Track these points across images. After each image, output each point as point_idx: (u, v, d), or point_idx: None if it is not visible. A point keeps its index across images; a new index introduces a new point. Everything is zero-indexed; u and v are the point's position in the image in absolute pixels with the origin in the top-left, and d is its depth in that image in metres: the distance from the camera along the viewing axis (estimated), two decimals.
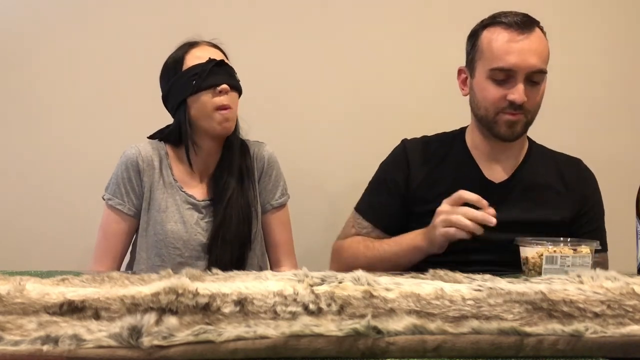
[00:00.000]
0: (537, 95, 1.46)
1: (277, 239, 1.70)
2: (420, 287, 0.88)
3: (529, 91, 1.44)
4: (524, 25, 1.44)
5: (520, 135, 1.50)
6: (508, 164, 1.54)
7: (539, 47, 1.44)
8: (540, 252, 1.22)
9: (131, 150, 1.60)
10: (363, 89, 2.10)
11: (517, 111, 1.45)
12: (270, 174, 1.69)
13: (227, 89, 1.55)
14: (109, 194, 1.60)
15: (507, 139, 1.49)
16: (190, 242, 1.57)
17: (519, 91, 1.42)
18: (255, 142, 1.71)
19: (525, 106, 1.44)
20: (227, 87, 1.55)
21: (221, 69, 1.56)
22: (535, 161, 1.57)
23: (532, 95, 1.45)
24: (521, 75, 1.42)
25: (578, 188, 1.55)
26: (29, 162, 2.04)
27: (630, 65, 2.18)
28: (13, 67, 2.05)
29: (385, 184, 1.60)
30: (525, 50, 1.43)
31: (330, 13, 2.10)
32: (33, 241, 2.02)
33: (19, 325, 0.73)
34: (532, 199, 1.52)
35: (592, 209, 1.56)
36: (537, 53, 1.43)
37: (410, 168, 1.57)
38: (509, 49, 1.43)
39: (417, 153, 1.59)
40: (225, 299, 0.79)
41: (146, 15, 2.06)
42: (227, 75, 1.57)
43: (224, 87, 1.54)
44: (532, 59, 1.43)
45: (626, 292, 0.87)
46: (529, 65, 1.42)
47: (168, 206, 1.59)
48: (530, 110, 1.47)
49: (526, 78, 1.43)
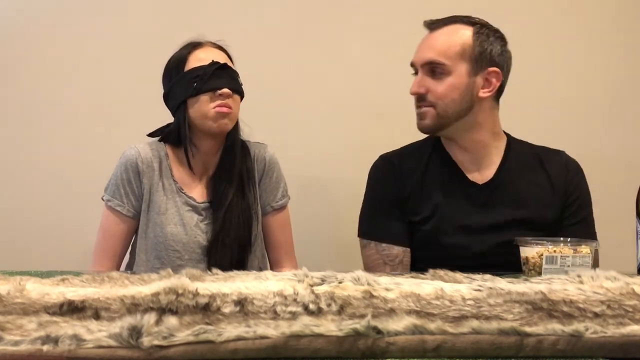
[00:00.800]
0: (440, 86, 1.48)
1: (277, 240, 1.69)
2: (420, 287, 0.88)
3: (430, 83, 1.48)
4: (435, 24, 1.52)
5: (433, 128, 1.52)
6: (488, 165, 1.55)
7: (438, 41, 1.49)
8: (540, 252, 1.22)
9: (130, 151, 1.60)
10: (365, 91, 2.10)
11: (421, 103, 1.50)
12: (271, 176, 1.68)
13: (228, 93, 1.54)
14: (108, 195, 1.60)
15: (421, 131, 1.54)
16: (189, 245, 1.57)
17: (414, 82, 1.51)
18: (256, 143, 1.70)
19: (429, 98, 1.49)
20: (228, 91, 1.54)
21: (223, 72, 1.55)
22: (517, 157, 1.56)
23: (433, 87, 1.48)
24: (419, 67, 1.50)
25: (562, 180, 1.55)
26: (29, 162, 2.04)
27: (630, 65, 2.18)
28: (14, 66, 2.05)
29: (386, 201, 1.58)
30: (423, 45, 1.51)
31: (335, 16, 2.10)
32: (33, 241, 2.02)
33: (19, 325, 0.73)
34: (517, 196, 1.52)
35: (577, 200, 1.55)
36: (434, 47, 1.48)
37: (400, 180, 1.57)
38: (417, 46, 1.53)
39: (401, 165, 1.59)
40: (225, 299, 0.79)
41: (149, 15, 2.06)
42: (229, 79, 1.56)
43: (225, 91, 1.53)
44: (427, 52, 1.49)
45: (626, 292, 0.87)
46: (422, 57, 1.49)
47: (168, 208, 1.58)
48: (436, 102, 1.49)
49: (428, 71, 1.49)
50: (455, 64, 1.47)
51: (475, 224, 1.50)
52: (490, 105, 1.53)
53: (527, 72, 2.03)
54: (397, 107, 2.08)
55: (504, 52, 1.52)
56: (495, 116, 1.56)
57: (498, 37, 1.51)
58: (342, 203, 1.96)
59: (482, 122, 1.52)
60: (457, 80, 1.47)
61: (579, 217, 1.54)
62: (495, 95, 1.53)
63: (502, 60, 1.51)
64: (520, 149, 1.59)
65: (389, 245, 1.55)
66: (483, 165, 1.55)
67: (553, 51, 2.14)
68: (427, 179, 1.56)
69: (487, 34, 1.50)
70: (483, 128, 1.53)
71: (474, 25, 1.50)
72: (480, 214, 1.51)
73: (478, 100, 1.49)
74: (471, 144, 1.54)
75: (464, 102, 1.48)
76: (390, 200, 1.57)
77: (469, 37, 1.48)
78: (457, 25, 1.50)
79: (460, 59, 1.47)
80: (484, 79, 1.49)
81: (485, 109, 1.52)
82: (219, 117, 1.54)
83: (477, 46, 1.47)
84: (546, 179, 1.55)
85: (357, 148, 2.07)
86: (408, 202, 1.55)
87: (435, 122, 1.50)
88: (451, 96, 1.47)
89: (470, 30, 1.49)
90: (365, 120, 2.10)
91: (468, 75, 1.47)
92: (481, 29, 1.50)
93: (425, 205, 1.53)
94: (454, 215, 1.51)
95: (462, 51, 1.47)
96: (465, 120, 1.50)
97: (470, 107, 1.49)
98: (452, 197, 1.53)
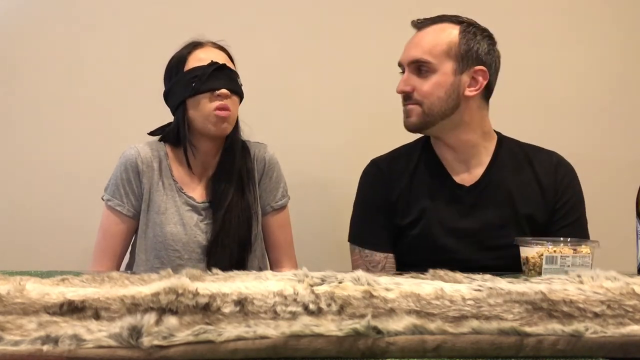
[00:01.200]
0: (425, 85, 1.48)
1: (277, 240, 1.69)
2: (420, 287, 0.88)
3: (416, 81, 1.49)
4: (422, 23, 1.52)
5: (419, 125, 1.52)
6: (477, 166, 1.54)
7: (424, 40, 1.50)
8: (540, 252, 1.22)
9: (130, 151, 1.60)
10: (366, 91, 2.10)
11: (408, 101, 1.51)
12: (271, 176, 1.68)
13: (227, 94, 1.54)
14: (108, 194, 1.60)
15: (407, 129, 1.55)
16: (189, 244, 1.57)
17: (400, 81, 1.52)
18: (256, 143, 1.70)
19: (415, 96, 1.50)
20: (226, 91, 1.53)
21: (222, 73, 1.55)
22: (506, 158, 1.56)
23: (419, 85, 1.49)
24: (405, 66, 1.51)
25: (550, 180, 1.54)
26: (29, 162, 2.04)
27: (630, 65, 2.18)
28: (15, 67, 2.04)
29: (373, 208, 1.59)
30: (410, 44, 1.52)
31: (335, 16, 2.10)
32: (33, 241, 2.02)
33: (19, 325, 0.73)
34: (506, 197, 1.52)
35: (568, 203, 1.54)
36: (421, 46, 1.49)
37: (388, 185, 1.58)
38: (405, 46, 1.54)
39: (391, 168, 1.59)
40: (225, 299, 0.79)
41: (149, 14, 2.06)
42: (228, 80, 1.55)
43: (223, 91, 1.53)
44: (414, 51, 1.50)
45: (626, 292, 0.87)
46: (409, 56, 1.50)
47: (167, 208, 1.58)
48: (422, 100, 1.49)
49: (414, 69, 1.50)
50: (441, 62, 1.47)
51: (463, 226, 1.50)
52: (478, 104, 1.52)
53: (527, 73, 2.04)
54: (397, 107, 2.09)
55: (492, 51, 1.51)
56: (484, 116, 1.55)
57: (486, 36, 1.51)
58: (342, 203, 1.95)
59: (469, 121, 1.52)
60: (443, 78, 1.47)
61: (570, 219, 1.53)
62: (484, 95, 1.53)
63: (490, 59, 1.51)
64: (511, 148, 1.58)
65: (371, 252, 1.56)
66: (471, 165, 1.54)
67: (550, 51, 2.14)
68: (415, 182, 1.56)
69: (474, 33, 1.49)
70: (470, 127, 1.52)
71: (461, 24, 1.50)
72: (467, 217, 1.51)
73: (464, 98, 1.49)
74: (459, 144, 1.53)
75: (450, 101, 1.48)
76: (377, 206, 1.58)
77: (455, 35, 1.48)
78: (444, 24, 1.50)
79: (446, 57, 1.47)
80: (470, 78, 1.49)
81: (472, 108, 1.51)
82: (219, 121, 1.54)
83: (464, 44, 1.48)
84: (534, 178, 1.54)
85: (357, 148, 2.07)
86: (397, 205, 1.55)
87: (421, 119, 1.50)
88: (437, 94, 1.48)
89: (457, 29, 1.49)
90: (365, 120, 2.10)
91: (454, 74, 1.47)
92: (468, 28, 1.49)
93: (413, 208, 1.53)
94: (441, 218, 1.51)
95: (447, 49, 1.47)
96: (452, 118, 1.50)
97: (456, 106, 1.49)
98: (439, 200, 1.52)
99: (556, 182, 1.54)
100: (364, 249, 1.57)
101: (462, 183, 1.53)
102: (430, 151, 1.58)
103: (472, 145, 1.53)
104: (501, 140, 1.58)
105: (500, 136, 1.59)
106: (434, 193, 1.53)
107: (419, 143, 1.62)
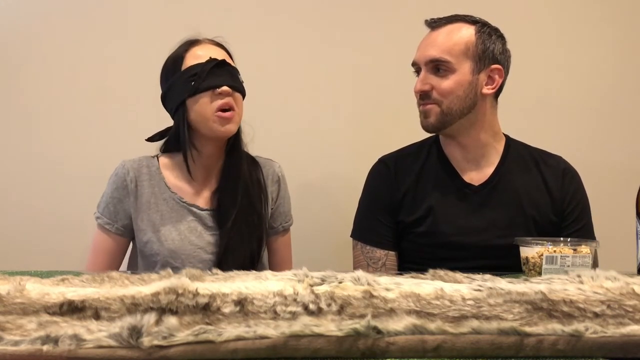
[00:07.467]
0: (445, 83, 1.49)
1: (283, 258, 1.67)
2: (420, 287, 0.88)
3: (434, 80, 1.49)
4: (436, 23, 1.53)
5: (438, 125, 1.52)
6: (485, 166, 1.55)
7: (441, 39, 1.50)
8: (540, 252, 1.22)
9: (121, 170, 1.55)
10: (367, 90, 2.10)
11: (426, 101, 1.51)
12: (284, 196, 1.65)
13: (228, 91, 1.47)
14: (99, 212, 1.56)
15: (425, 129, 1.54)
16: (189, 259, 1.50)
17: (418, 80, 1.52)
18: (267, 160, 1.65)
19: (433, 95, 1.50)
20: (227, 89, 1.47)
21: (222, 70, 1.48)
22: (514, 160, 1.57)
23: (437, 84, 1.49)
24: (422, 66, 1.51)
25: (558, 185, 1.55)
26: (29, 163, 2.04)
27: (630, 66, 2.18)
28: (15, 67, 2.04)
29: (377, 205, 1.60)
30: (426, 43, 1.53)
31: (337, 15, 2.10)
32: (33, 241, 2.02)
33: (19, 325, 0.73)
34: (513, 198, 1.53)
35: (576, 209, 1.56)
36: (438, 45, 1.49)
37: (394, 183, 1.58)
38: (419, 45, 1.54)
39: (398, 167, 1.60)
40: (225, 299, 0.79)
41: (147, 14, 2.06)
42: (228, 76, 1.49)
43: (224, 89, 1.47)
44: (431, 50, 1.50)
45: (626, 292, 0.87)
46: (426, 55, 1.50)
47: (164, 224, 1.53)
48: (440, 99, 1.50)
49: (431, 69, 1.50)
50: (460, 62, 1.48)
51: (469, 225, 1.51)
52: (491, 103, 1.55)
53: (528, 74, 2.04)
54: (398, 107, 2.09)
55: (505, 51, 1.54)
56: (494, 115, 1.57)
57: (499, 36, 1.54)
58: (342, 203, 1.96)
59: (484, 120, 1.54)
60: (462, 77, 1.49)
61: (579, 224, 1.55)
62: (495, 94, 1.55)
63: (503, 58, 1.53)
64: (519, 150, 1.60)
65: (372, 248, 1.57)
66: (481, 165, 1.55)
67: (552, 53, 2.14)
68: (422, 179, 1.57)
69: (489, 33, 1.51)
70: (484, 126, 1.54)
71: (476, 23, 1.52)
72: (474, 216, 1.52)
73: (481, 97, 1.51)
74: (471, 142, 1.55)
75: (468, 100, 1.49)
76: (381, 204, 1.59)
77: (471, 35, 1.50)
78: (459, 23, 1.52)
79: (464, 57, 1.48)
80: (487, 76, 1.51)
81: (486, 107, 1.53)
82: (223, 121, 1.48)
83: (480, 44, 1.49)
84: (542, 181, 1.55)
85: (358, 148, 2.07)
86: (403, 202, 1.56)
87: (440, 119, 1.51)
88: (456, 93, 1.49)
89: (472, 28, 1.51)
90: (366, 120, 2.10)
91: (472, 73, 1.49)
92: (483, 28, 1.51)
93: (420, 206, 1.54)
94: (447, 216, 1.52)
95: (465, 49, 1.49)
96: (468, 117, 1.51)
97: (473, 105, 1.51)
98: (447, 198, 1.53)
99: (563, 188, 1.55)
100: (365, 245, 1.59)
101: (470, 182, 1.54)
102: (438, 150, 1.59)
103: (483, 144, 1.55)
104: (509, 142, 1.60)
105: (508, 138, 1.61)
106: (442, 191, 1.54)
107: (428, 141, 1.63)
